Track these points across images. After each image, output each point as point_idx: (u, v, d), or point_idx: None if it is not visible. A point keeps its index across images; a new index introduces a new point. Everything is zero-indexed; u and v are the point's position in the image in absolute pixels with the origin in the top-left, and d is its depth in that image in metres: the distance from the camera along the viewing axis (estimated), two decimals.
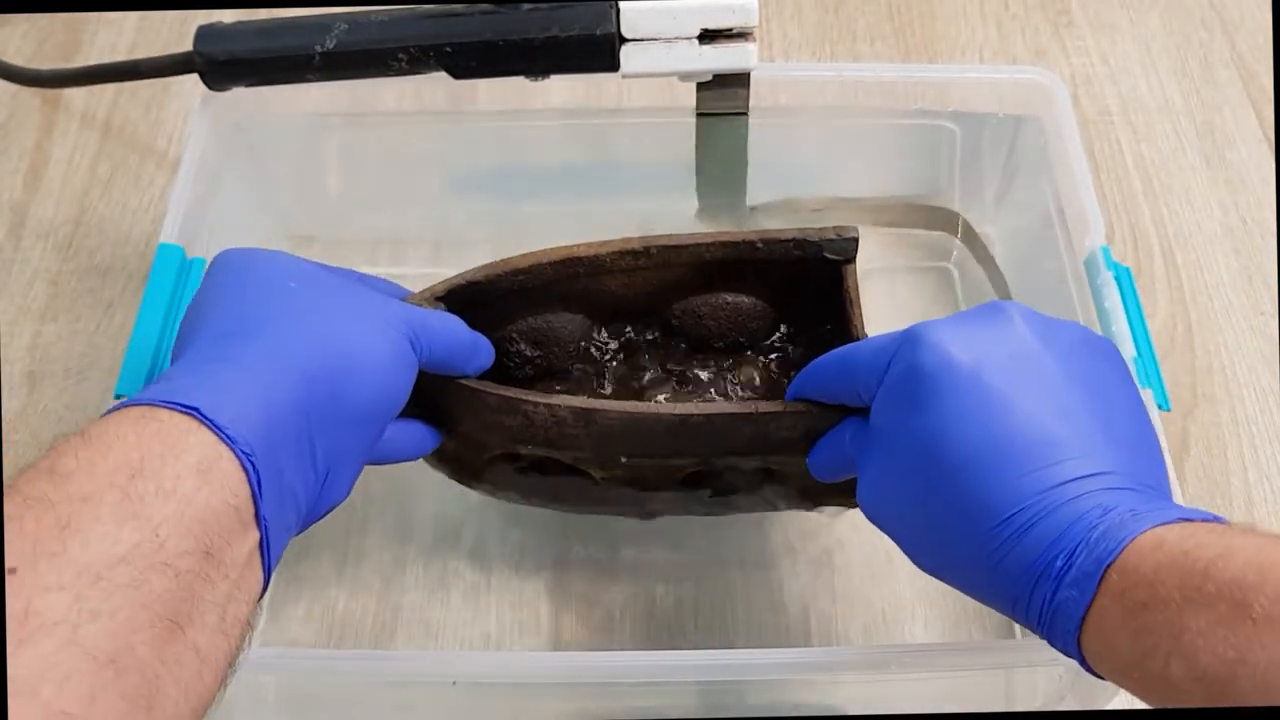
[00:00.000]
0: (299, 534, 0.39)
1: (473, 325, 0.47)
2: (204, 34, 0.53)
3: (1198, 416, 0.59)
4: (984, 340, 0.39)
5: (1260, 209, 0.67)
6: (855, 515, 0.48)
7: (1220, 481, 0.57)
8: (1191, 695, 0.31)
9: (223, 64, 0.53)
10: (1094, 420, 0.38)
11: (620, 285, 0.50)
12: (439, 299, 0.48)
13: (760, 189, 0.61)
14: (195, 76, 0.54)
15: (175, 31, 0.74)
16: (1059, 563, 0.35)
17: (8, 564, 0.29)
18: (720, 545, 0.55)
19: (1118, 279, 0.51)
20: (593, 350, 0.51)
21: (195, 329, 0.40)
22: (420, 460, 0.49)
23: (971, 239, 0.64)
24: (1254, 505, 0.57)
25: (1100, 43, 0.74)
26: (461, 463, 0.51)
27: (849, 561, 0.55)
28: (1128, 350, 0.49)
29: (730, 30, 0.50)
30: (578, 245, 0.49)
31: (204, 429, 0.34)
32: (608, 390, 0.51)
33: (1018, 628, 0.51)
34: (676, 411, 0.46)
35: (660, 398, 0.51)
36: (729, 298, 0.51)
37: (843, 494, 0.49)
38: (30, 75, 0.67)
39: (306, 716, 0.49)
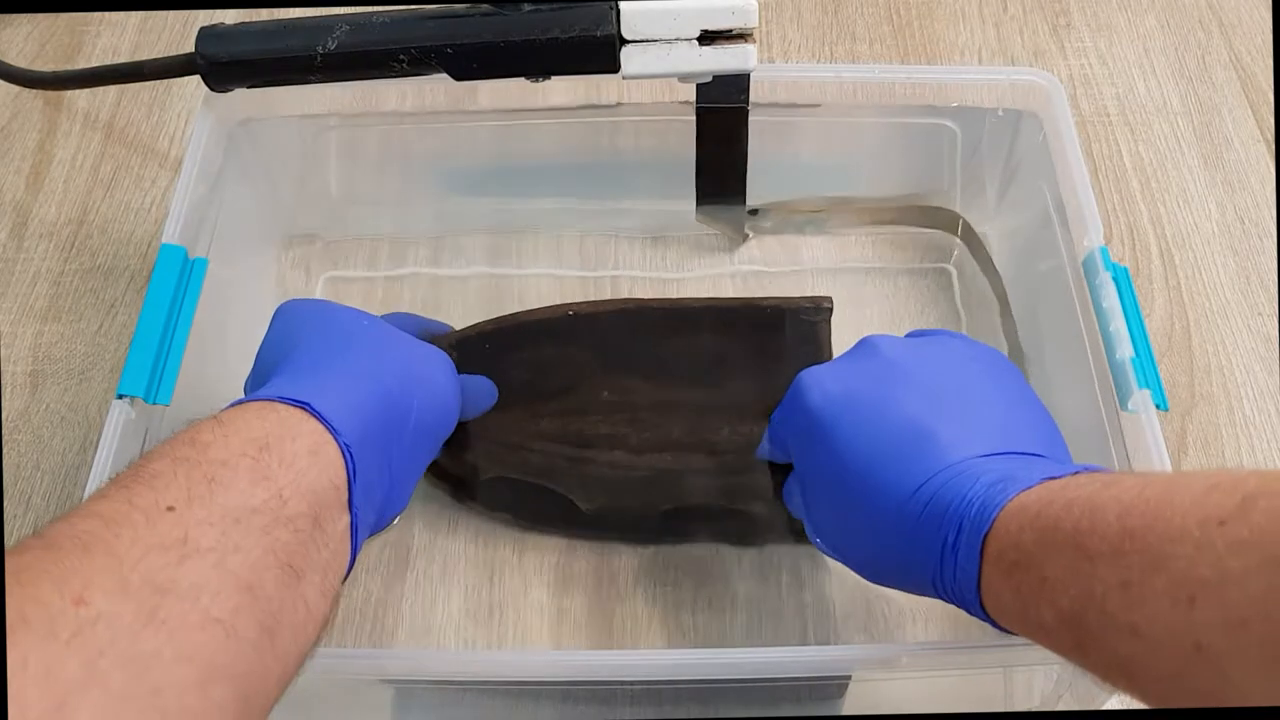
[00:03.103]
0: (371, 537, 0.43)
1: (480, 368, 0.52)
2: (206, 35, 0.53)
3: (1195, 416, 0.60)
4: (853, 371, 0.46)
5: (1258, 210, 0.67)
6: None
7: None
8: (1062, 635, 0.35)
9: (224, 65, 0.53)
10: (965, 411, 0.42)
11: (609, 333, 0.53)
12: (453, 346, 0.52)
13: (759, 189, 0.61)
14: (197, 78, 0.54)
15: (177, 33, 0.74)
16: (950, 538, 0.38)
17: (167, 504, 0.34)
18: (720, 544, 0.55)
19: (1116, 279, 0.51)
20: (580, 386, 0.53)
21: (285, 356, 0.45)
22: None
23: (971, 239, 0.64)
24: None
25: (1098, 44, 0.74)
26: (459, 481, 0.55)
27: None
28: (1125, 350, 0.49)
29: (730, 31, 0.50)
30: (574, 304, 0.54)
31: (313, 419, 0.40)
32: (593, 423, 0.53)
33: None
34: (656, 465, 0.51)
35: (642, 435, 0.53)
36: (710, 341, 0.53)
37: None
38: (33, 76, 0.67)
39: (306, 716, 0.49)
